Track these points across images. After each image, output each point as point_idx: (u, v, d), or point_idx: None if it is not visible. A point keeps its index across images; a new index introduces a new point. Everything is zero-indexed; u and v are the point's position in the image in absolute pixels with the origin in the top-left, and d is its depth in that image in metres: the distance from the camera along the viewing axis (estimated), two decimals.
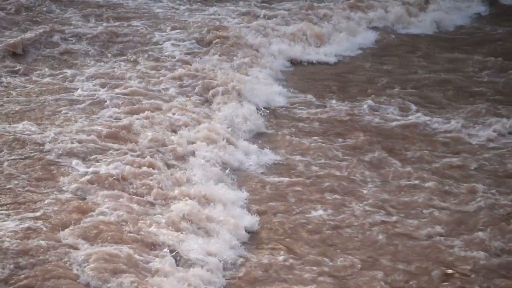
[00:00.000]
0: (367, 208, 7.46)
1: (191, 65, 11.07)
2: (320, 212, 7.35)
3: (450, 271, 6.35)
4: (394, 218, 7.27)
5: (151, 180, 7.45)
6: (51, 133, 8.34)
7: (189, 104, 9.58)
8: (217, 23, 13.47)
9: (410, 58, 12.84)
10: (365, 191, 7.81)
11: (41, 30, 12.08)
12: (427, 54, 13.11)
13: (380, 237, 6.94)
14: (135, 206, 6.97)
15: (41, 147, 8.07)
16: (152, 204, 7.12)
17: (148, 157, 7.91)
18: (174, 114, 9.17)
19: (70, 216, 6.63)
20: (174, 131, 8.71)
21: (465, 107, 10.24)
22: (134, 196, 7.17)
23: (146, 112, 9.08)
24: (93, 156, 7.92)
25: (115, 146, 8.19)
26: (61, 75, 10.47)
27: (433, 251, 6.69)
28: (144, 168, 7.67)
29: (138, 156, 7.96)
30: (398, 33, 14.50)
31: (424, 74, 11.76)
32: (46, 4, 13.81)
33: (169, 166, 7.88)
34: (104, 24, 12.97)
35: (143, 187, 7.33)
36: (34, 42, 11.58)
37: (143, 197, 7.20)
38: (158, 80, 10.41)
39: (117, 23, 13.06)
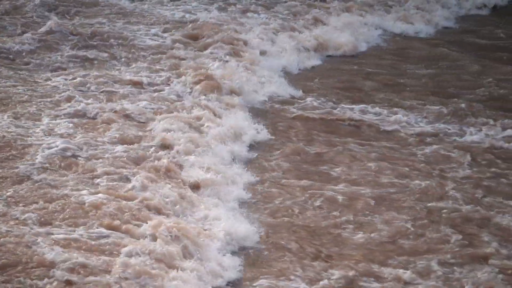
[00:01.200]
0: (271, 189, 7.75)
1: (172, 58, 11.26)
2: None
3: (323, 250, 6.64)
4: (295, 203, 7.52)
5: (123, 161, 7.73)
6: (23, 121, 8.55)
7: (164, 95, 9.79)
8: (195, 16, 13.60)
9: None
10: (268, 176, 8.08)
11: (14, 25, 12.21)
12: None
13: (276, 221, 7.17)
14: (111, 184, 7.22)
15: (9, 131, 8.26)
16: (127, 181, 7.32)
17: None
18: (151, 104, 9.37)
19: (38, 198, 6.81)
20: (147, 122, 8.89)
21: (387, 98, 10.53)
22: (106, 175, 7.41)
23: (124, 103, 9.29)
24: (62, 141, 8.03)
25: (92, 135, 8.33)
26: (35, 70, 10.55)
27: (322, 235, 6.93)
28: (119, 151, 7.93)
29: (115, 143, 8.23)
30: None
31: (354, 66, 12.05)
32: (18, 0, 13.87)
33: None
34: (77, 19, 13.04)
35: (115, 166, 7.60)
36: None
37: (113, 174, 7.44)
38: (135, 71, 10.61)
39: (91, 19, 13.10)
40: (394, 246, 6.75)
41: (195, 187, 7.48)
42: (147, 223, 6.48)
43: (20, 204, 6.69)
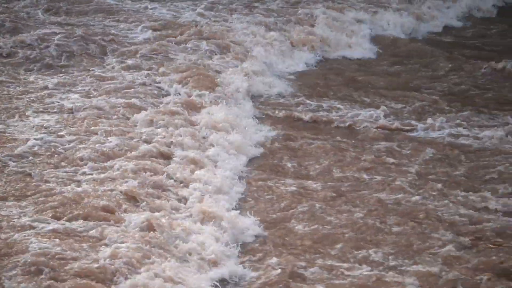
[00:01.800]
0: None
1: (161, 54, 11.38)
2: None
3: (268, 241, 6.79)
4: (247, 195, 7.68)
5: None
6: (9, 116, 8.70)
7: (153, 91, 9.90)
8: (183, 15, 13.73)
9: None
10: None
11: (2, 23, 12.23)
12: None
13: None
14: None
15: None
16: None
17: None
18: (142, 101, 9.46)
19: (24, 190, 6.94)
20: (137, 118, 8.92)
21: (350, 94, 10.69)
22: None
23: (112, 99, 9.39)
24: (49, 135, 8.17)
25: (79, 130, 8.42)
26: (23, 67, 10.65)
27: (269, 227, 7.05)
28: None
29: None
30: None
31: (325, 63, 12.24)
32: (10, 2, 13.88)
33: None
34: (63, 16, 13.15)
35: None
36: None
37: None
38: (124, 67, 10.73)
39: (79, 17, 13.19)
40: (340, 237, 6.87)
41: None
42: (136, 214, 6.63)
43: (5, 196, 6.81)
